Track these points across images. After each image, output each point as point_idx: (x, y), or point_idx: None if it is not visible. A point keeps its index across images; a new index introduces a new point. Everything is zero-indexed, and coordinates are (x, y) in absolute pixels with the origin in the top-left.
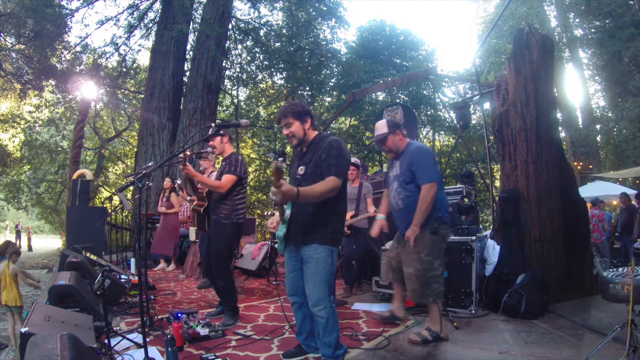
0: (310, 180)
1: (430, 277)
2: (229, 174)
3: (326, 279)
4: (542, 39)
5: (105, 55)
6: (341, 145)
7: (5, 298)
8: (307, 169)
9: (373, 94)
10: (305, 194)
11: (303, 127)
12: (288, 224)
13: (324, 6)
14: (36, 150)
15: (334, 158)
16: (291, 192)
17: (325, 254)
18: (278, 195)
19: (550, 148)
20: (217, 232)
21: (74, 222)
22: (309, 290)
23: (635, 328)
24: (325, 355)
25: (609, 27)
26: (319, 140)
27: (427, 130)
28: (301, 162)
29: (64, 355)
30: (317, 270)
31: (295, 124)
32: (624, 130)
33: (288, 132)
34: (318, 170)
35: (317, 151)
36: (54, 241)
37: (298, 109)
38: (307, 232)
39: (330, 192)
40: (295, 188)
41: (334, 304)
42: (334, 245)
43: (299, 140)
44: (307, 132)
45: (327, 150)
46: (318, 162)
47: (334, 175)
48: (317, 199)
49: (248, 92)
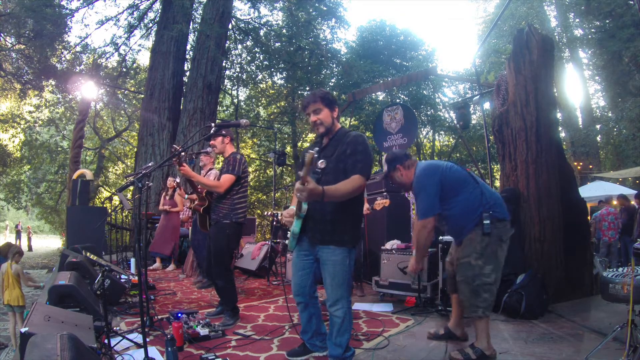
0: (331, 175)
1: (479, 285)
2: (227, 174)
3: (345, 280)
4: (542, 39)
5: (105, 55)
6: (366, 142)
7: (8, 297)
8: (328, 163)
9: (373, 94)
10: (330, 193)
11: (331, 115)
12: (304, 219)
13: (324, 6)
14: (36, 150)
15: (360, 154)
16: (316, 191)
17: (342, 256)
18: (304, 192)
19: (550, 148)
20: (217, 231)
21: (74, 222)
22: (328, 291)
23: (635, 328)
24: (333, 356)
25: (609, 27)
26: (342, 134)
27: (427, 130)
28: (322, 155)
29: (64, 355)
30: (336, 272)
31: (324, 111)
32: (624, 130)
33: (316, 119)
34: (341, 165)
35: (340, 145)
36: (54, 241)
37: (329, 96)
38: (325, 231)
39: (355, 192)
40: (321, 187)
41: (350, 305)
42: (352, 246)
43: (326, 129)
44: (334, 122)
45: (352, 146)
46: (341, 157)
47: (359, 174)
48: (341, 198)
49: (248, 92)
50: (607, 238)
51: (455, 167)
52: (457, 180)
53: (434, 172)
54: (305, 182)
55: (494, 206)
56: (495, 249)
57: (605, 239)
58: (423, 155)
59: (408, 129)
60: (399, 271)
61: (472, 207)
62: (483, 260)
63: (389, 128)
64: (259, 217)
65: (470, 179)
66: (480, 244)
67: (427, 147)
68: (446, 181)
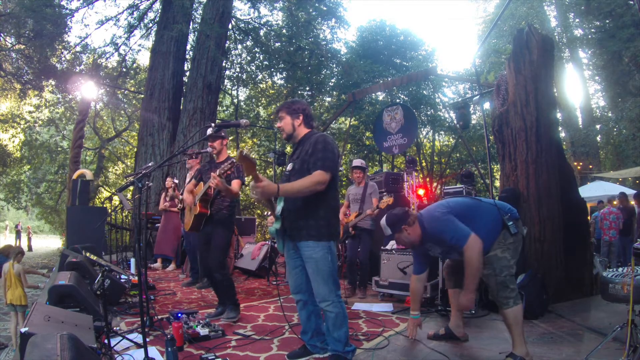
0: (297, 176)
1: (507, 276)
2: (238, 180)
3: (329, 274)
4: (542, 39)
5: (105, 55)
6: (327, 140)
7: (10, 297)
8: (294, 165)
9: (373, 94)
10: (286, 189)
11: (293, 122)
12: (281, 219)
13: (324, 6)
14: (36, 150)
15: (320, 152)
16: (270, 187)
17: (323, 252)
18: (257, 190)
19: (550, 148)
20: (221, 227)
21: (74, 222)
22: (315, 288)
23: (635, 328)
24: (336, 351)
25: (609, 27)
26: (307, 137)
27: (427, 130)
28: (290, 159)
29: (64, 355)
30: (318, 269)
31: (286, 119)
32: (624, 130)
33: (279, 126)
34: (305, 166)
35: (303, 147)
36: (54, 241)
37: (292, 106)
38: (300, 226)
39: (315, 186)
40: (275, 184)
41: (341, 299)
42: (331, 239)
43: (287, 135)
44: (296, 129)
45: (312, 145)
46: (305, 158)
47: (320, 169)
48: (302, 193)
49: (248, 92)
50: (607, 237)
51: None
52: (464, 204)
53: (443, 207)
54: (258, 180)
55: (510, 209)
56: (518, 245)
57: (606, 238)
58: (423, 155)
59: (408, 129)
60: (399, 271)
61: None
62: (509, 253)
63: (389, 128)
64: (259, 217)
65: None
66: (507, 240)
67: (427, 147)
68: (455, 211)
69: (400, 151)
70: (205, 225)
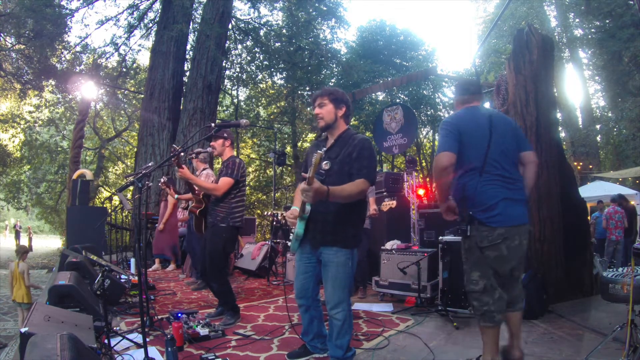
0: (335, 177)
1: (468, 292)
2: (226, 177)
3: (346, 282)
4: (542, 39)
5: (105, 55)
6: (372, 147)
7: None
8: (332, 165)
9: (373, 94)
10: (335, 193)
11: (335, 112)
12: (307, 221)
13: (324, 6)
14: (36, 150)
15: (366, 160)
16: (321, 190)
17: (345, 258)
18: (309, 192)
19: (550, 148)
20: (213, 235)
21: (74, 222)
22: (328, 293)
23: (635, 328)
24: (335, 357)
25: (609, 27)
26: (348, 136)
27: (427, 130)
28: (326, 156)
29: (64, 355)
30: (338, 274)
31: (328, 106)
32: (624, 130)
33: (319, 112)
34: (346, 168)
35: (345, 147)
36: (54, 241)
37: (336, 94)
38: (327, 231)
39: (359, 195)
40: (326, 187)
41: (351, 307)
42: (354, 247)
43: (326, 124)
44: (337, 120)
45: (358, 150)
46: (346, 160)
47: (364, 178)
48: (345, 200)
49: (248, 92)
50: (614, 237)
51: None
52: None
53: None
54: (312, 182)
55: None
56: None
57: (613, 238)
58: (423, 155)
59: (408, 129)
60: (399, 271)
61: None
62: (467, 264)
63: (389, 128)
64: (259, 217)
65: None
66: (462, 247)
67: (427, 147)
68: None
69: (400, 151)
70: (206, 229)
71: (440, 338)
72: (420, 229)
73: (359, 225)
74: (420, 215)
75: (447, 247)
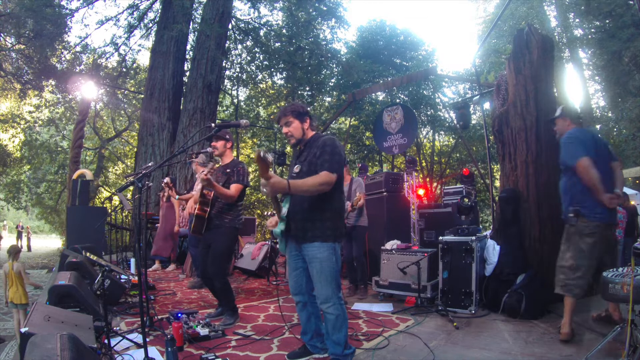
0: (306, 177)
1: (559, 267)
2: (238, 184)
3: (333, 276)
4: (542, 39)
5: (105, 55)
6: (335, 143)
7: (12, 296)
8: (302, 167)
9: (373, 94)
10: (296, 185)
11: (302, 126)
12: (286, 221)
13: (324, 6)
14: (36, 150)
15: (327, 154)
16: (281, 184)
17: (328, 252)
18: (267, 186)
19: (550, 148)
20: (222, 235)
21: (74, 222)
22: (317, 289)
23: (635, 328)
24: (335, 354)
25: (609, 27)
26: (315, 139)
27: (427, 130)
28: (297, 161)
29: (64, 355)
30: (322, 269)
31: (294, 123)
32: (624, 130)
33: (287, 131)
34: (313, 168)
35: (312, 149)
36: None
37: (298, 109)
38: (306, 228)
39: (322, 186)
40: (285, 180)
41: (342, 301)
42: (336, 240)
43: (297, 139)
44: (305, 132)
45: (321, 147)
46: (313, 160)
47: (326, 170)
48: (310, 192)
49: (248, 92)
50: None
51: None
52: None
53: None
54: (269, 177)
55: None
56: (576, 240)
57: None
58: (423, 155)
59: (408, 129)
60: (399, 271)
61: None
62: (566, 245)
63: (389, 128)
64: (259, 217)
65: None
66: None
67: (427, 147)
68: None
69: (400, 151)
70: (207, 230)
71: (440, 338)
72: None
73: (335, 218)
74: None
75: (447, 247)
